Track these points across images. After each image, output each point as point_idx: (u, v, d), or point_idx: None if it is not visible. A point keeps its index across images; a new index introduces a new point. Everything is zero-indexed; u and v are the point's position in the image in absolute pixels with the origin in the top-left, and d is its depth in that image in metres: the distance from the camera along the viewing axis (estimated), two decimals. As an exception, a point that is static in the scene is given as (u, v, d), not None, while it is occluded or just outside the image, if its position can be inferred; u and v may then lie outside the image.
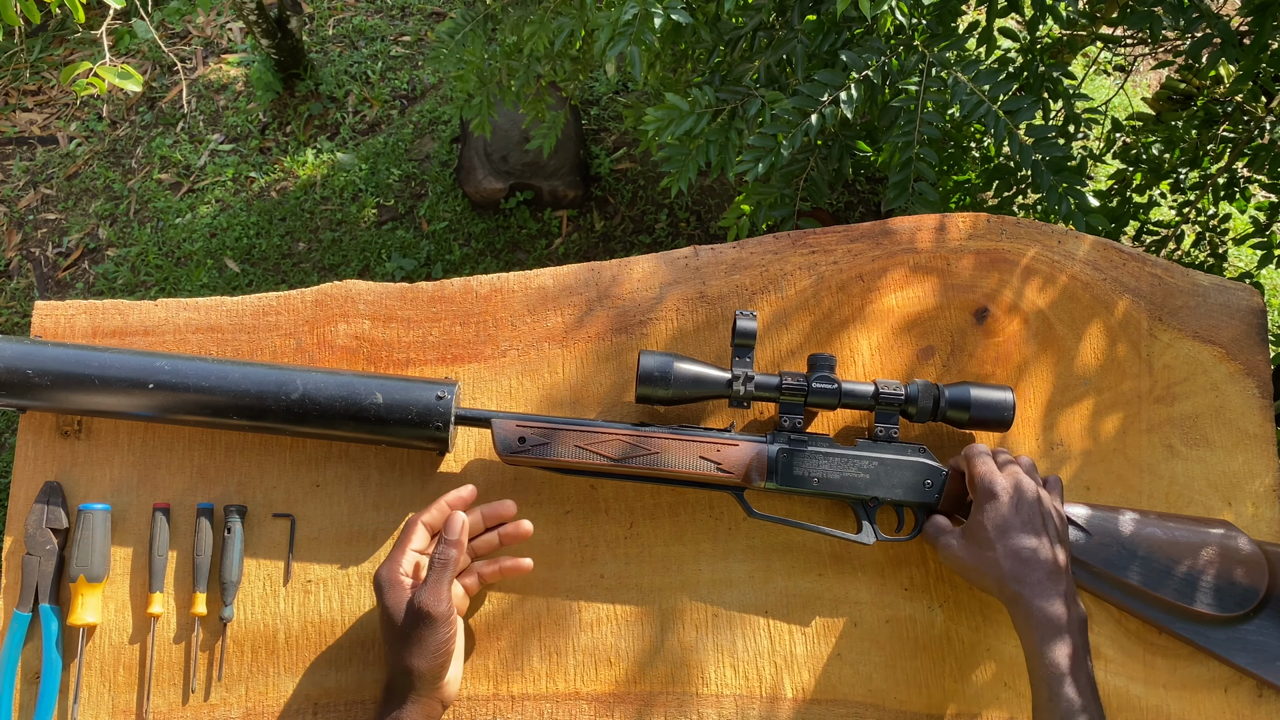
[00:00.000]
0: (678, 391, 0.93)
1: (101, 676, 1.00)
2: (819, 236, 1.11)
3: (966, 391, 0.96)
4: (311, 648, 1.01)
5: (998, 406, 0.96)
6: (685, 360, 0.94)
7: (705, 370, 0.95)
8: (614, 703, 1.00)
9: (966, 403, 0.95)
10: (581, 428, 0.94)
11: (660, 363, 0.93)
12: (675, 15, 1.29)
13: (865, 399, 0.95)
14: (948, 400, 0.95)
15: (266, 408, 0.95)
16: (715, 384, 0.94)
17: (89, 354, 0.97)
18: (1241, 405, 1.08)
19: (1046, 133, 1.31)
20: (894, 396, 0.94)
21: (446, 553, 0.88)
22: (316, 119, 3.11)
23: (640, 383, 0.93)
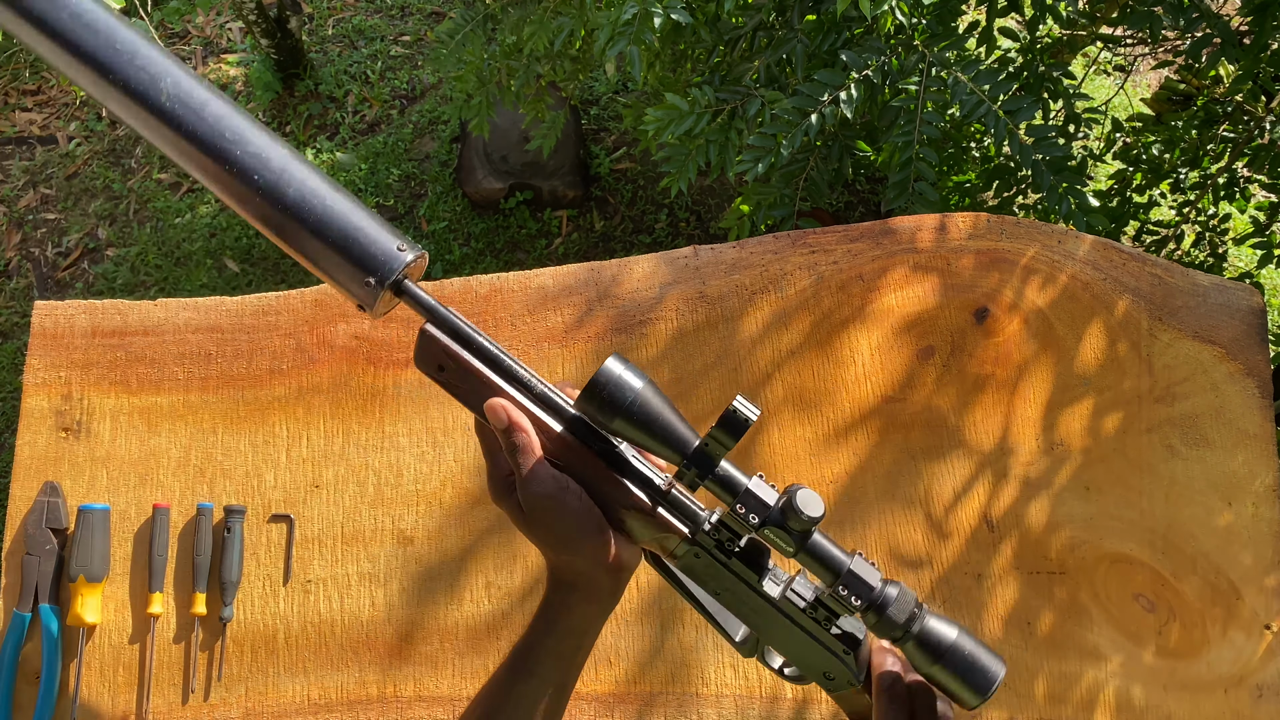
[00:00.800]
0: (625, 426, 0.69)
1: (101, 676, 1.00)
2: (819, 236, 1.10)
3: (952, 635, 0.68)
4: (311, 648, 1.00)
5: (977, 674, 0.68)
6: (656, 394, 0.70)
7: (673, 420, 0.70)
8: (614, 703, 1.00)
9: (941, 649, 0.67)
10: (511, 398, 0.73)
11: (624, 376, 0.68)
12: (675, 15, 1.29)
13: (828, 569, 0.69)
14: (921, 631, 0.68)
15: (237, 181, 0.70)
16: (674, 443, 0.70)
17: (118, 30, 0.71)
18: (1241, 405, 1.07)
19: (1046, 133, 1.31)
20: (852, 601, 0.68)
21: (513, 439, 0.72)
22: (316, 119, 3.11)
23: (588, 391, 0.69)
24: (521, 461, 0.71)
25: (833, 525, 1.05)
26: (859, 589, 0.68)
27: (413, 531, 1.04)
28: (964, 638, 0.68)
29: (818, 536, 0.69)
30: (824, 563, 0.69)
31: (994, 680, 0.67)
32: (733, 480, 0.69)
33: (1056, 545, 1.04)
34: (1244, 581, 1.03)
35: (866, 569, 0.68)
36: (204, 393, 1.07)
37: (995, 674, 0.67)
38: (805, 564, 0.69)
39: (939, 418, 1.06)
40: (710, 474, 0.69)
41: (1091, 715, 1.00)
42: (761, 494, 0.68)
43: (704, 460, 0.69)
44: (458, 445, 1.05)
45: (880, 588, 0.68)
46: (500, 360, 0.73)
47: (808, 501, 0.67)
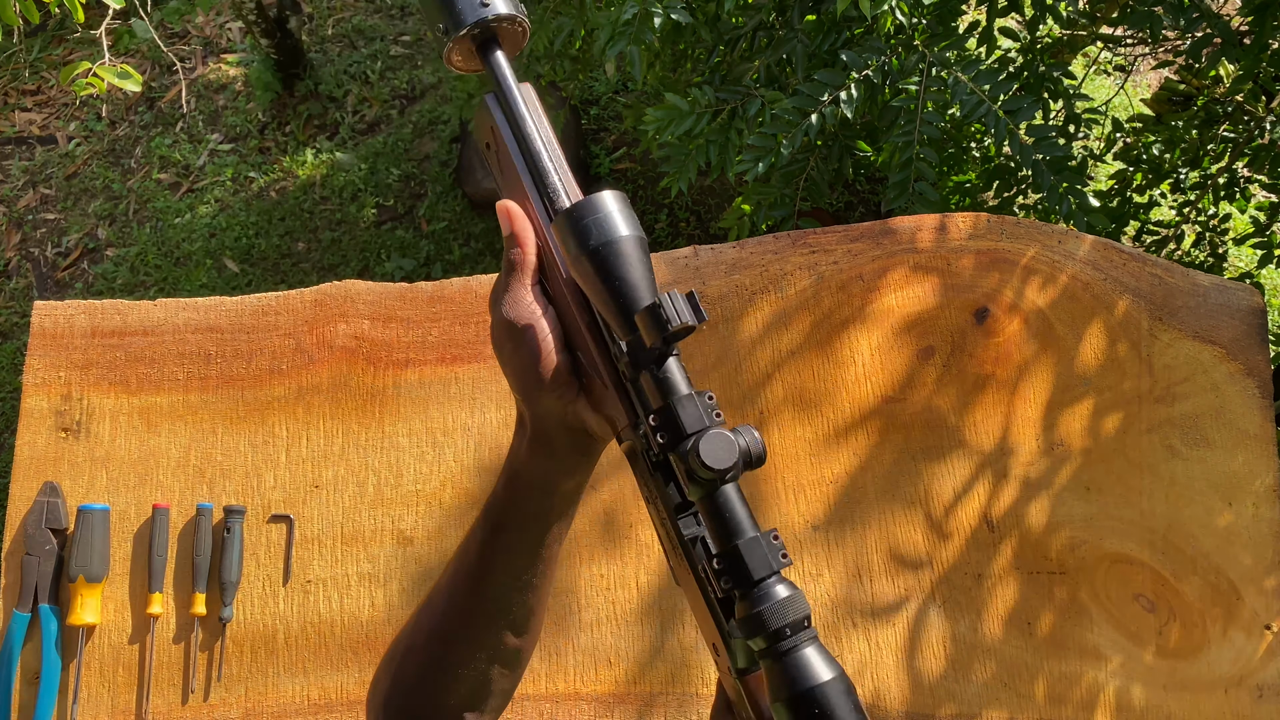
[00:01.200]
0: (584, 271, 0.57)
1: (101, 677, 1.00)
2: (819, 236, 1.10)
3: (815, 679, 0.50)
4: (311, 648, 1.00)
5: None
6: (640, 258, 0.57)
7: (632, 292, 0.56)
8: (614, 703, 1.00)
9: (793, 689, 0.50)
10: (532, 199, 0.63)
11: (612, 214, 0.56)
12: (675, 15, 1.29)
13: (716, 539, 0.55)
14: (786, 657, 0.51)
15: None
16: (627, 307, 0.56)
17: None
18: (1242, 405, 1.07)
19: (1047, 132, 1.31)
20: (723, 581, 0.54)
21: (509, 252, 0.63)
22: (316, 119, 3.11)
23: (567, 213, 0.57)
24: (507, 279, 0.63)
25: (834, 525, 1.05)
26: (736, 571, 0.53)
27: (413, 532, 1.04)
28: (832, 689, 0.50)
29: (730, 494, 0.54)
30: (717, 526, 0.54)
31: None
32: (669, 384, 0.56)
33: (1057, 545, 1.04)
34: (1244, 582, 1.03)
35: (758, 552, 0.53)
36: (203, 393, 1.07)
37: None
38: (703, 518, 0.55)
39: (939, 418, 1.06)
40: (645, 368, 0.56)
41: (1092, 715, 1.00)
42: (683, 414, 0.54)
43: (642, 350, 0.56)
44: (458, 445, 1.05)
45: (766, 581, 0.52)
46: (541, 162, 0.61)
47: (713, 450, 0.52)
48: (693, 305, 0.54)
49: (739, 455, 0.53)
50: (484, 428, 1.05)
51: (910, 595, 1.03)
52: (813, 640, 0.51)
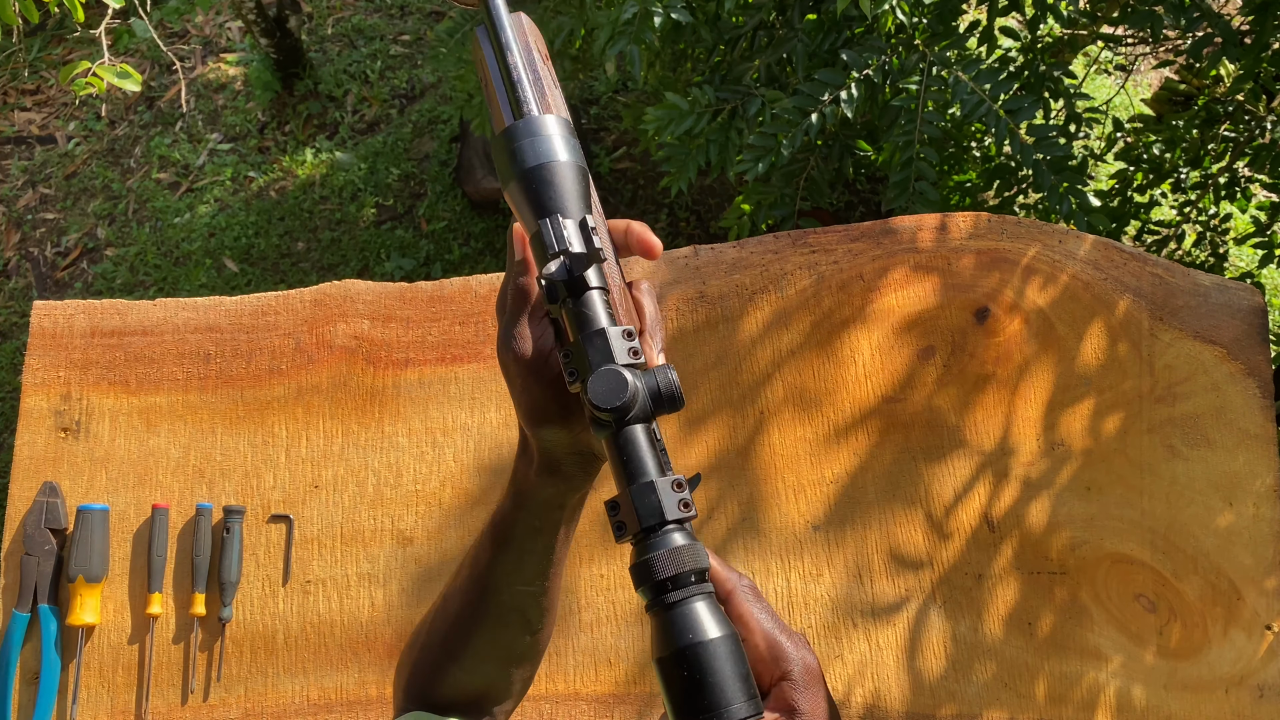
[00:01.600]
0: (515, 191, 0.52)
1: (100, 677, 0.99)
2: (819, 236, 1.10)
3: (699, 635, 0.45)
4: (310, 648, 1.00)
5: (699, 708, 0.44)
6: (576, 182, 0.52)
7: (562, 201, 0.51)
8: (614, 703, 0.99)
9: (675, 644, 0.45)
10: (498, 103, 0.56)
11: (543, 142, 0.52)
12: (675, 14, 1.29)
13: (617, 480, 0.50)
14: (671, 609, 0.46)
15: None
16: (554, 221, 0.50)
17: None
18: (1242, 405, 1.07)
19: (1047, 132, 1.31)
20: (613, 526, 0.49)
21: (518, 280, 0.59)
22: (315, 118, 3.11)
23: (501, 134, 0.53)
24: (516, 309, 0.58)
25: (834, 525, 1.05)
26: (627, 515, 0.47)
27: (412, 532, 1.04)
28: (715, 648, 0.44)
29: (633, 435, 0.48)
30: (616, 470, 0.49)
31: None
32: (582, 316, 0.50)
33: (1057, 545, 1.04)
34: (1245, 582, 1.03)
35: (649, 498, 0.46)
36: (203, 393, 1.07)
37: (727, 715, 0.44)
38: (610, 464, 0.50)
39: (939, 418, 1.06)
40: (565, 298, 0.51)
41: (1092, 715, 1.00)
42: (590, 350, 0.49)
43: (561, 285, 0.50)
44: (457, 445, 1.05)
45: (658, 529, 0.46)
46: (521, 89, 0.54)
47: (601, 387, 0.47)
48: (584, 231, 0.49)
49: (630, 393, 0.47)
50: (484, 428, 1.05)
51: (910, 595, 1.03)
52: (705, 596, 0.46)
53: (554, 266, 0.50)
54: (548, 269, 0.50)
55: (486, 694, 0.69)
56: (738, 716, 0.43)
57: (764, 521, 1.04)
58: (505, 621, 0.67)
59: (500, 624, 0.67)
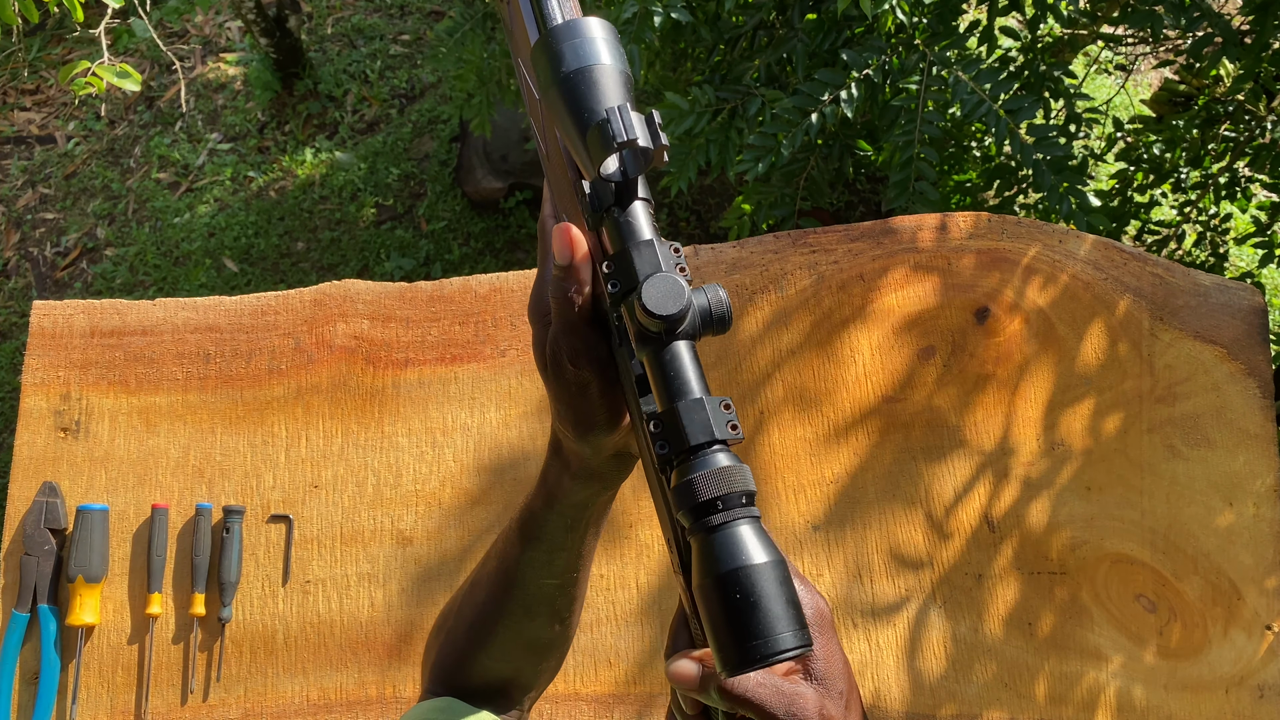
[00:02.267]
0: (556, 98, 0.49)
1: (100, 677, 0.99)
2: (819, 236, 1.10)
3: (748, 559, 0.43)
4: (310, 648, 1.00)
5: (751, 633, 0.42)
6: (621, 85, 0.49)
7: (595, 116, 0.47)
8: (614, 703, 0.99)
9: (723, 566, 0.43)
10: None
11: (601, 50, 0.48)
12: (675, 14, 1.28)
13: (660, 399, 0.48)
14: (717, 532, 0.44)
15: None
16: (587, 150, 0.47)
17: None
18: (1243, 405, 1.07)
19: (1047, 132, 1.30)
20: (659, 446, 0.46)
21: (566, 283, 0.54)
22: (315, 118, 3.11)
23: (543, 38, 0.50)
24: (561, 314, 0.54)
25: (834, 525, 1.05)
26: (673, 434, 0.45)
27: (412, 532, 1.04)
28: (763, 572, 0.42)
29: (680, 351, 0.46)
30: (660, 386, 0.47)
31: (763, 651, 0.41)
32: (630, 226, 0.48)
33: (1057, 545, 1.04)
34: (1245, 582, 1.03)
35: (699, 414, 0.45)
36: (202, 393, 1.07)
37: (772, 644, 0.41)
38: (650, 381, 0.48)
39: (939, 417, 1.06)
40: (611, 207, 0.49)
41: (1092, 715, 1.00)
42: (638, 259, 0.47)
43: (612, 189, 0.48)
44: (457, 445, 1.05)
45: (704, 448, 0.44)
46: (548, 6, 0.52)
47: (658, 293, 0.45)
48: (650, 125, 0.46)
49: (688, 302, 0.45)
50: (484, 427, 1.05)
51: (910, 595, 1.03)
52: (752, 520, 0.43)
53: (613, 164, 0.47)
54: (605, 166, 0.47)
55: (514, 682, 0.69)
56: (788, 645, 0.40)
57: (764, 521, 1.04)
58: (533, 613, 0.67)
59: (528, 615, 0.67)
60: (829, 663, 0.51)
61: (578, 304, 0.53)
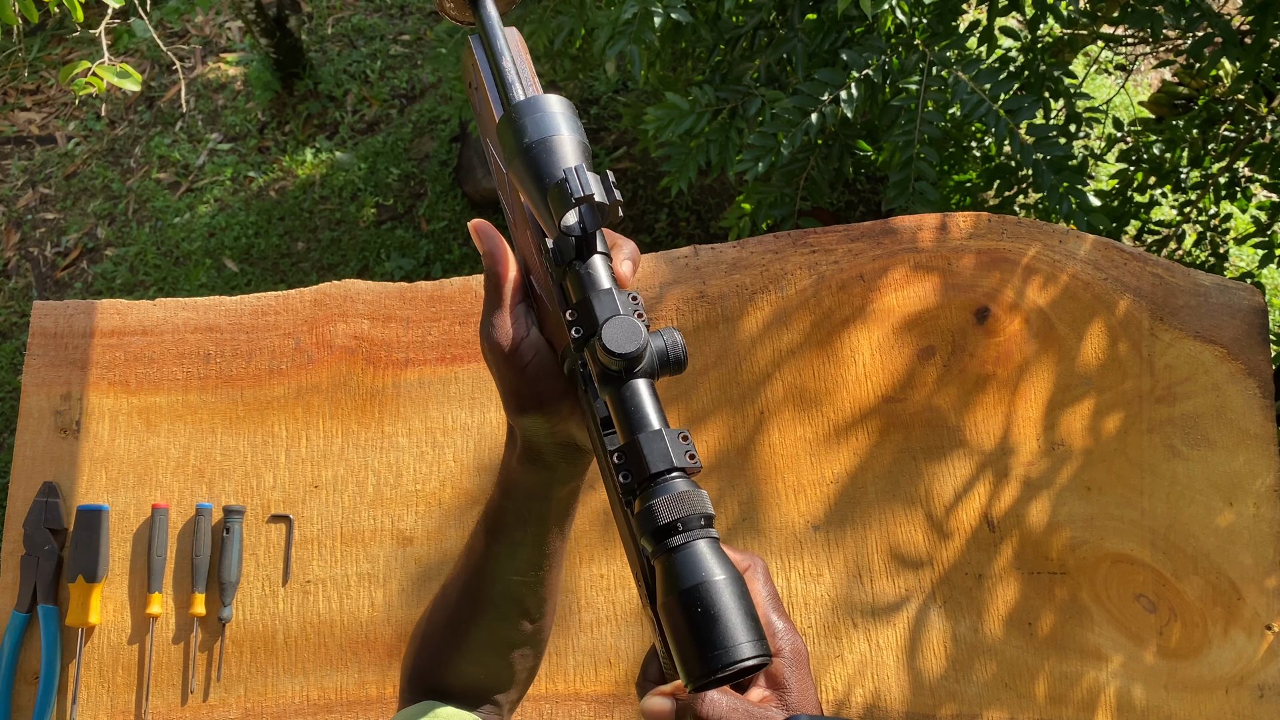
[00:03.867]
0: (520, 169, 0.53)
1: (100, 677, 0.99)
2: (819, 236, 1.10)
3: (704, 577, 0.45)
4: (310, 648, 1.00)
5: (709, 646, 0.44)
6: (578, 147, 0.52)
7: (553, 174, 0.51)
8: (614, 703, 0.99)
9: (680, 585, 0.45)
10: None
11: (547, 116, 0.53)
12: (675, 14, 1.28)
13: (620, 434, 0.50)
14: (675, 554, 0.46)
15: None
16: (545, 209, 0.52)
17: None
18: (1243, 405, 1.07)
19: (1047, 132, 1.31)
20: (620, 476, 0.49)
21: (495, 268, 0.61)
22: (315, 118, 3.11)
23: (506, 114, 0.54)
24: (489, 298, 0.61)
25: (834, 525, 1.05)
26: (635, 464, 0.48)
27: (412, 532, 1.04)
28: (724, 589, 0.44)
29: (639, 388, 0.49)
30: (621, 420, 0.49)
31: (723, 660, 0.43)
32: (590, 277, 0.52)
33: (1057, 545, 1.04)
34: (1245, 582, 1.03)
35: (658, 445, 0.47)
36: (203, 393, 1.07)
37: (731, 653, 0.43)
38: (613, 417, 0.50)
39: (939, 417, 1.06)
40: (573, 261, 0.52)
41: (1092, 715, 1.00)
42: (598, 306, 0.50)
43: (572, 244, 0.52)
44: (457, 445, 1.05)
45: (663, 475, 0.47)
46: (513, 92, 0.57)
47: (617, 334, 0.48)
48: (605, 184, 0.50)
49: (645, 342, 0.49)
50: (484, 427, 1.05)
51: (910, 595, 1.03)
52: (710, 540, 0.45)
53: (572, 219, 0.51)
54: (565, 221, 0.51)
55: (489, 683, 0.70)
56: (747, 654, 0.43)
57: (764, 521, 1.04)
58: (502, 612, 0.68)
59: (498, 614, 0.68)
60: (802, 696, 0.52)
61: (504, 282, 0.60)
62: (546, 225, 0.52)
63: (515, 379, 0.61)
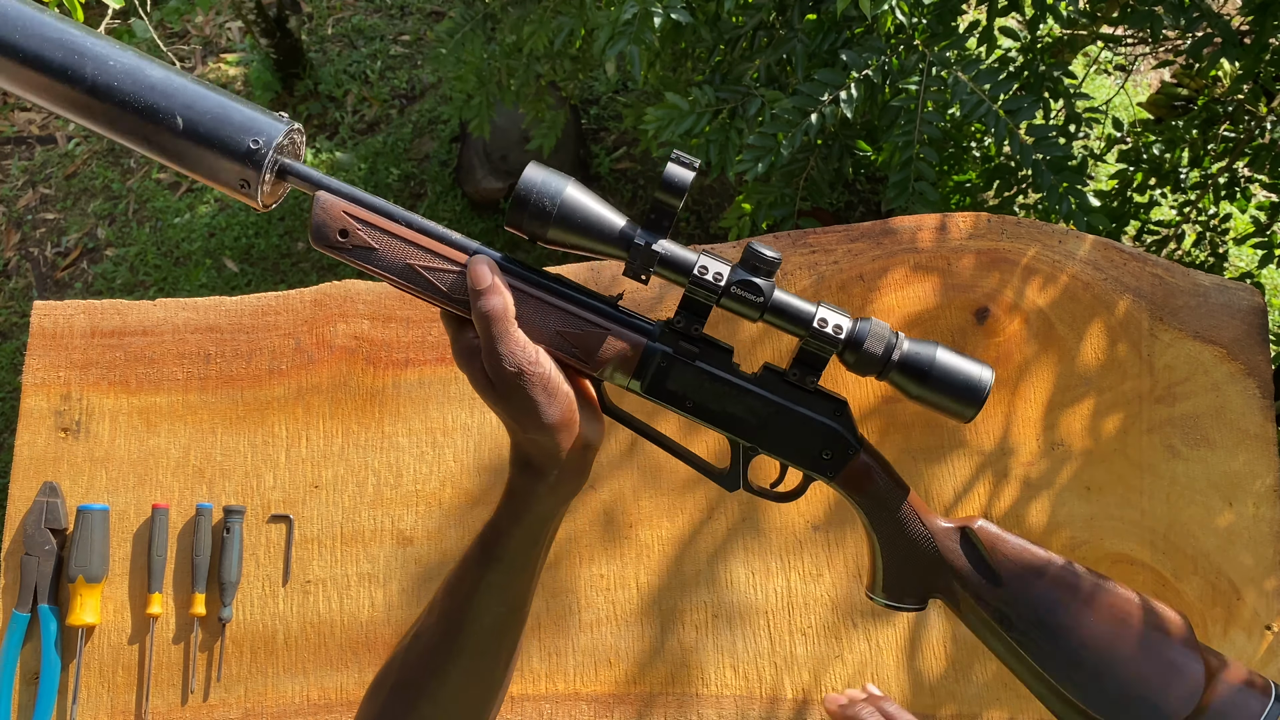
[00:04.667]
0: (559, 231, 0.67)
1: (100, 677, 1.00)
2: (819, 236, 1.10)
3: (931, 353, 0.67)
4: (310, 648, 1.00)
5: (965, 383, 0.68)
6: (583, 190, 0.68)
7: (604, 211, 0.67)
8: (614, 703, 0.99)
9: (925, 366, 0.67)
10: (426, 244, 0.69)
11: (548, 180, 0.66)
12: (675, 14, 1.29)
13: (796, 323, 0.67)
14: (904, 356, 0.67)
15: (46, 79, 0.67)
16: (610, 233, 0.67)
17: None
18: (1242, 405, 1.07)
19: (1047, 132, 1.31)
20: (831, 335, 0.67)
21: (489, 302, 0.65)
22: (315, 118, 3.11)
23: (515, 203, 0.66)
24: (497, 330, 0.64)
25: (834, 525, 1.05)
26: (828, 325, 0.67)
27: (412, 532, 1.04)
28: (945, 353, 0.67)
29: (779, 292, 0.67)
30: (792, 313, 0.67)
31: (983, 389, 0.67)
32: (682, 257, 0.67)
33: (1057, 545, 1.04)
34: (1244, 582, 1.03)
35: (835, 309, 0.67)
36: (203, 393, 1.07)
37: (983, 382, 0.67)
38: (773, 322, 0.67)
39: (939, 418, 1.05)
40: (657, 257, 0.67)
41: (1092, 716, 1.00)
42: (716, 259, 0.68)
43: (651, 238, 0.67)
44: (457, 445, 1.05)
45: (853, 323, 0.67)
46: (404, 214, 0.68)
47: (760, 255, 0.67)
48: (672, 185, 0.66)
49: None
50: (484, 427, 1.05)
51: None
52: (907, 339, 0.68)
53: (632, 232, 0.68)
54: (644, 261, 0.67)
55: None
56: (986, 377, 0.67)
57: (764, 521, 1.04)
58: (483, 651, 0.67)
59: (478, 654, 0.67)
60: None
61: (507, 310, 0.65)
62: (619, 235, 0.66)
63: (544, 392, 0.64)
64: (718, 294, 0.68)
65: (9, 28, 0.66)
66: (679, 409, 0.72)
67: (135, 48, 0.70)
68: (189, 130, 0.67)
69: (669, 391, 0.71)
